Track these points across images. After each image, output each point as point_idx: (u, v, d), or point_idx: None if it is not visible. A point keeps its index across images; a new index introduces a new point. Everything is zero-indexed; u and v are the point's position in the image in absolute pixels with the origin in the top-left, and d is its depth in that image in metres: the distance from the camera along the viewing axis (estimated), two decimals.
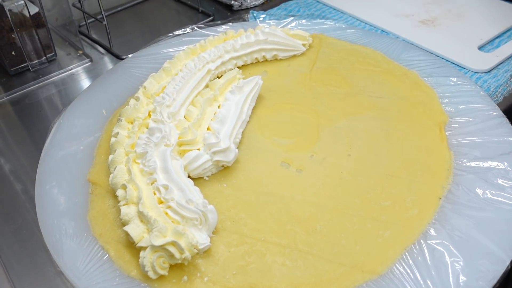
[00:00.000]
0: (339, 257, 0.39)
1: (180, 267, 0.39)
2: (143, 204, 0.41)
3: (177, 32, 0.71)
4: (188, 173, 0.46)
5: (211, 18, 0.78)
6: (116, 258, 0.40)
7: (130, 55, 0.67)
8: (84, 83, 0.66)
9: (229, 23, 0.71)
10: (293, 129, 0.52)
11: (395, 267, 0.38)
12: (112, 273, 0.39)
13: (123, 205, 0.42)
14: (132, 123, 0.50)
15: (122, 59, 0.68)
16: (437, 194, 0.44)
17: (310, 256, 0.39)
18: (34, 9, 0.64)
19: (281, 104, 0.56)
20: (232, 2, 0.80)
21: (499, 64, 0.62)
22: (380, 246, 0.40)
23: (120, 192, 0.43)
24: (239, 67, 0.61)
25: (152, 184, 0.43)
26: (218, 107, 0.52)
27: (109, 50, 0.72)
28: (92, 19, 0.77)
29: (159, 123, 0.49)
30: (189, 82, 0.55)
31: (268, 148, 0.50)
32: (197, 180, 0.46)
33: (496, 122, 0.50)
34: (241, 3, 0.80)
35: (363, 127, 0.52)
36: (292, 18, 0.70)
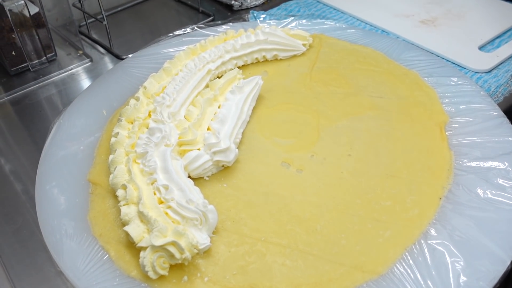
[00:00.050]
0: (340, 257, 0.39)
1: (180, 267, 0.39)
2: (143, 204, 0.41)
3: (177, 32, 0.71)
4: (188, 173, 0.46)
5: (211, 18, 0.78)
6: (116, 258, 0.40)
7: (130, 55, 0.67)
8: (84, 83, 0.66)
9: (230, 23, 0.71)
10: (294, 129, 0.52)
11: (396, 267, 0.38)
12: (112, 273, 0.39)
13: (123, 205, 0.42)
14: (132, 123, 0.50)
15: (122, 59, 0.68)
16: (438, 194, 0.44)
17: (311, 256, 0.39)
18: (34, 9, 0.64)
19: (282, 104, 0.56)
20: (233, 2, 0.80)
21: (500, 64, 0.62)
22: (381, 246, 0.40)
23: (120, 192, 0.43)
24: (239, 67, 0.61)
25: (152, 184, 0.43)
26: (218, 107, 0.52)
27: (109, 50, 0.72)
28: (92, 19, 0.77)
29: (159, 123, 0.49)
30: (189, 82, 0.55)
31: (269, 148, 0.50)
32: (197, 180, 0.46)
33: (497, 122, 0.50)
34: (241, 3, 0.80)
35: (364, 127, 0.52)
36: (293, 18, 0.70)
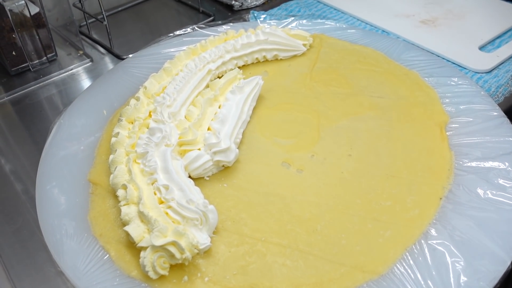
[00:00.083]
0: (340, 257, 0.39)
1: (181, 267, 0.39)
2: (144, 204, 0.41)
3: (178, 32, 0.71)
4: (189, 173, 0.46)
5: (212, 18, 0.78)
6: (117, 258, 0.40)
7: (131, 55, 0.67)
8: (85, 83, 0.66)
9: (230, 23, 0.71)
10: (294, 129, 0.52)
11: (396, 267, 0.38)
12: (113, 273, 0.39)
13: (124, 205, 0.42)
14: (133, 123, 0.50)
15: (123, 59, 0.68)
16: (438, 194, 0.44)
17: (311, 256, 0.39)
18: (35, 9, 0.64)
19: (282, 104, 0.56)
20: (233, 2, 0.80)
21: (500, 64, 0.62)
22: (381, 246, 0.40)
23: (121, 192, 0.43)
24: (240, 67, 0.61)
25: (153, 184, 0.43)
26: (219, 107, 0.52)
27: (110, 50, 0.72)
28: (93, 19, 0.77)
29: (160, 123, 0.49)
30: (190, 82, 0.55)
31: (269, 148, 0.50)
32: (198, 180, 0.46)
33: (497, 122, 0.50)
34: (242, 3, 0.80)
35: (364, 127, 0.52)
36: (293, 18, 0.70)
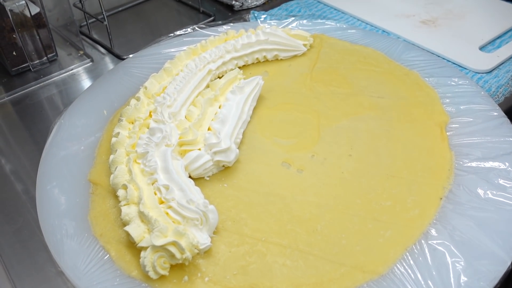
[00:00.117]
0: (340, 257, 0.39)
1: (181, 267, 0.39)
2: (144, 204, 0.41)
3: (178, 32, 0.71)
4: (189, 173, 0.46)
5: (212, 18, 0.78)
6: (117, 258, 0.40)
7: (131, 55, 0.67)
8: (85, 83, 0.66)
9: (230, 23, 0.71)
10: (294, 129, 0.52)
11: (396, 267, 0.38)
12: (113, 273, 0.39)
13: (124, 205, 0.42)
14: (133, 123, 0.50)
15: (123, 59, 0.68)
16: (438, 194, 0.44)
17: (311, 256, 0.39)
18: (35, 9, 0.64)
19: (282, 104, 0.56)
20: (233, 2, 0.80)
21: (500, 65, 0.62)
22: (381, 246, 0.40)
23: (121, 192, 0.43)
24: (240, 67, 0.61)
25: (153, 184, 0.43)
26: (219, 107, 0.52)
27: (110, 50, 0.73)
28: (93, 19, 0.77)
29: (160, 123, 0.49)
30: (190, 82, 0.55)
31: (269, 148, 0.50)
32: (198, 180, 0.46)
33: (497, 123, 0.50)
34: (242, 3, 0.80)
35: (364, 127, 0.52)
36: (293, 18, 0.70)
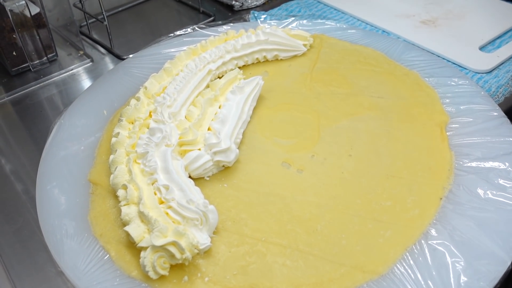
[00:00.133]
0: (340, 258, 0.39)
1: (181, 267, 0.39)
2: (144, 204, 0.41)
3: (178, 32, 0.71)
4: (189, 173, 0.46)
5: (212, 18, 0.78)
6: (117, 258, 0.40)
7: (131, 55, 0.67)
8: (85, 83, 0.66)
9: (230, 23, 0.71)
10: (294, 130, 0.52)
11: (396, 268, 0.38)
12: (113, 273, 0.39)
13: (124, 205, 0.42)
14: (133, 123, 0.50)
15: (123, 59, 0.68)
16: (438, 195, 0.44)
17: (311, 257, 0.39)
18: (35, 9, 0.64)
19: (282, 104, 0.56)
20: (233, 3, 0.80)
21: (500, 65, 0.62)
22: (381, 247, 0.40)
23: (121, 192, 0.43)
24: (240, 67, 0.61)
25: (153, 184, 0.43)
26: (219, 107, 0.52)
27: (110, 50, 0.73)
28: (93, 19, 0.77)
29: (160, 123, 0.49)
30: (190, 82, 0.55)
31: (269, 148, 0.50)
32: (198, 180, 0.46)
33: (497, 123, 0.50)
34: (242, 4, 0.80)
35: (364, 128, 0.51)
36: (293, 19, 0.70)
